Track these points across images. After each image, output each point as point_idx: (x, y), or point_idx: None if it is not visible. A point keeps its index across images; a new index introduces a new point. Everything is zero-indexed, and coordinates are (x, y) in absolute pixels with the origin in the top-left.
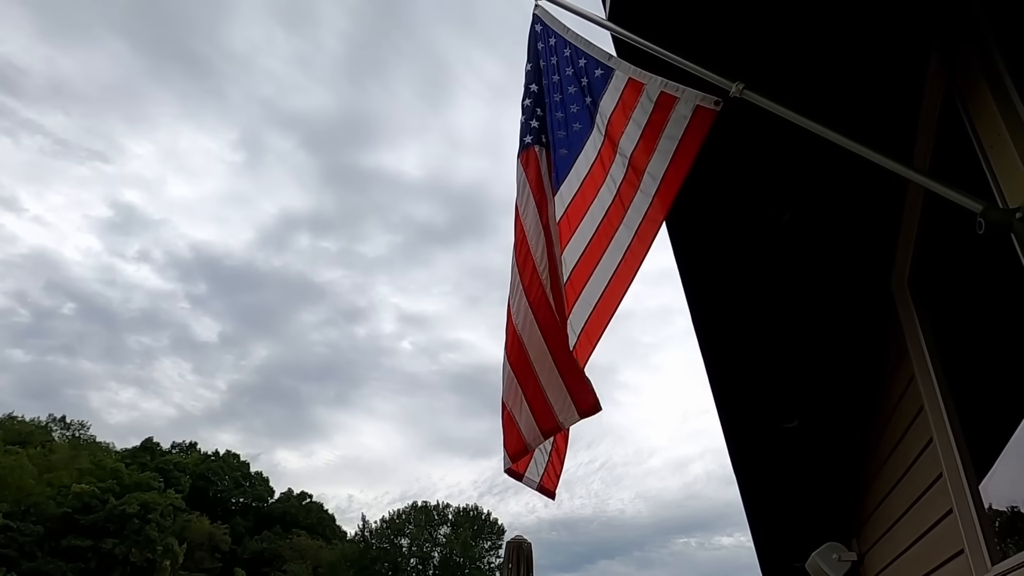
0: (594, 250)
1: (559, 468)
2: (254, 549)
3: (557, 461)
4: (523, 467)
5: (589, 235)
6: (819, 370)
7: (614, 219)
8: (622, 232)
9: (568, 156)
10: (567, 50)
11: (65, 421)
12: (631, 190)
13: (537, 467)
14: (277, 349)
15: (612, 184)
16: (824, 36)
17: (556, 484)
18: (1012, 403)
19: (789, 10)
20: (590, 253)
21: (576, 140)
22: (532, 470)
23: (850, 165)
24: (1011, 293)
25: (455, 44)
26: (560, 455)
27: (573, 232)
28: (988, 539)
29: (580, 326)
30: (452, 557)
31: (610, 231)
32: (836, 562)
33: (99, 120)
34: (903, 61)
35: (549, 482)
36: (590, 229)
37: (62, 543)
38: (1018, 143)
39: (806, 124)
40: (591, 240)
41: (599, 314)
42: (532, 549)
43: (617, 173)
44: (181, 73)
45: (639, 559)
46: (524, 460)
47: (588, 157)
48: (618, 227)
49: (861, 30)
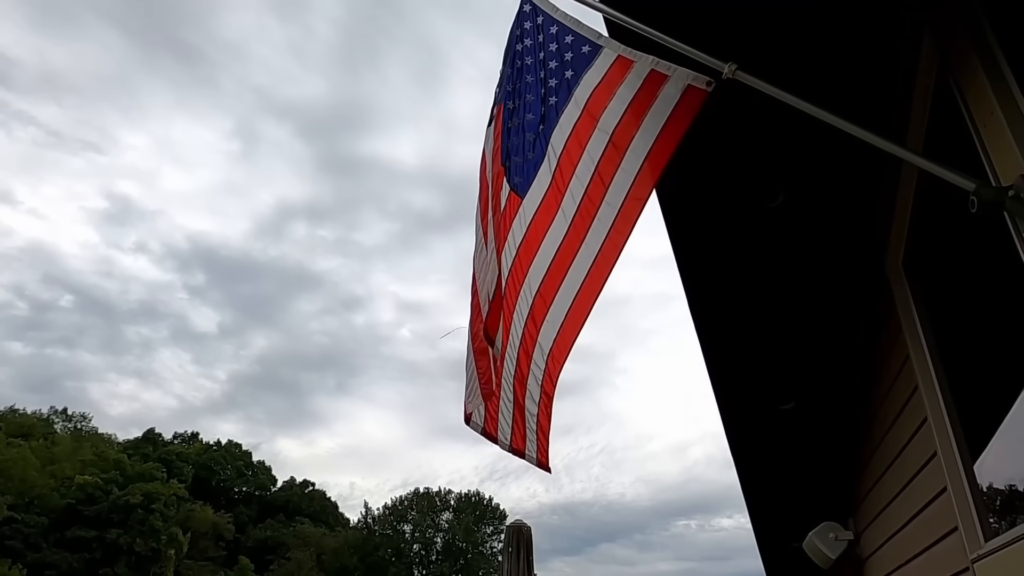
0: (577, 228)
1: (546, 444)
2: (258, 537)
3: (543, 438)
4: (522, 444)
5: (571, 214)
6: (815, 352)
7: (595, 197)
8: (604, 210)
9: (544, 134)
10: (554, 27)
11: (67, 413)
12: (611, 167)
13: (531, 444)
14: (276, 339)
15: (590, 161)
16: (817, 16)
17: (547, 458)
18: (1006, 382)
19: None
20: (573, 231)
21: (552, 115)
22: (530, 447)
23: (844, 146)
24: (1004, 272)
25: (448, 29)
26: (544, 433)
27: (555, 212)
28: (982, 517)
29: (567, 306)
30: (455, 542)
31: (592, 209)
32: (833, 541)
33: (92, 111)
34: (897, 41)
35: (543, 457)
36: (571, 208)
37: (67, 534)
38: (1011, 121)
39: (799, 105)
40: (573, 219)
41: (585, 293)
42: (532, 533)
43: (595, 149)
44: (173, 63)
45: (640, 542)
46: (520, 437)
47: (564, 133)
48: (600, 205)
49: (854, 9)
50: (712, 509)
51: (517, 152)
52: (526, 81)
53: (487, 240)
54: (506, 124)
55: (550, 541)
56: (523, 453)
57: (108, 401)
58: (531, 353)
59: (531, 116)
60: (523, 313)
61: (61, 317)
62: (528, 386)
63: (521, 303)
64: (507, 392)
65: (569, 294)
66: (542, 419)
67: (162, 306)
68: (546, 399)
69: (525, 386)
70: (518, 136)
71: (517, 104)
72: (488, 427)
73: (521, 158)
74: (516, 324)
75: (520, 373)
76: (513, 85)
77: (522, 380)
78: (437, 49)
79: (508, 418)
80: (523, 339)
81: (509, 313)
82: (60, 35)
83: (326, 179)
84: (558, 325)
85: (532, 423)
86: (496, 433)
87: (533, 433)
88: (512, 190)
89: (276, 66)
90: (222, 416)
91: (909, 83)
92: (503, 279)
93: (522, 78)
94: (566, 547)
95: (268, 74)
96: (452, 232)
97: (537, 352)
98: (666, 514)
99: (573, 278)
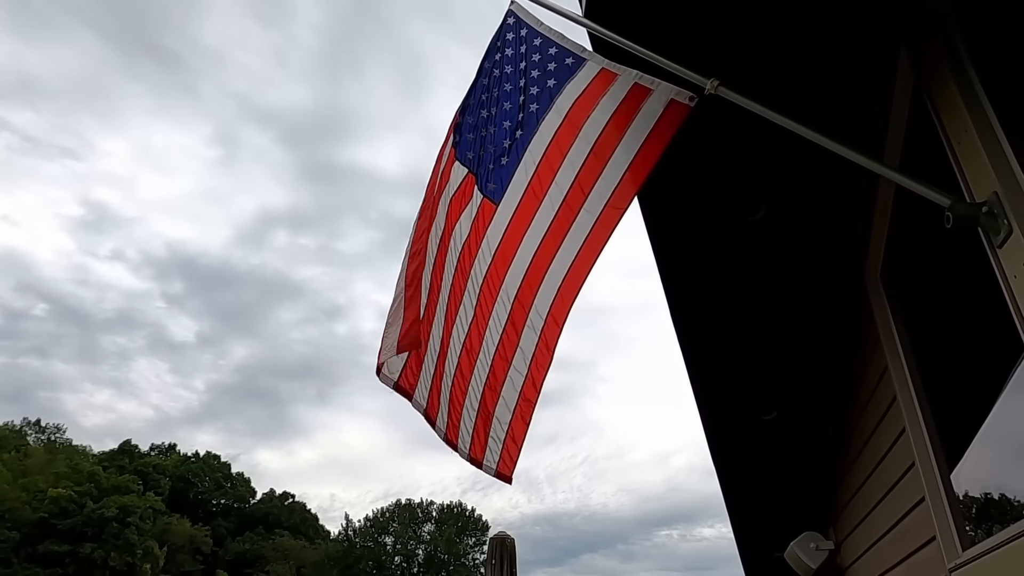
0: (555, 233)
1: (515, 454)
2: (236, 551)
3: (513, 447)
4: (480, 454)
5: (548, 221)
6: (797, 363)
7: (574, 204)
8: (583, 217)
9: (521, 141)
10: (537, 39)
11: (40, 425)
12: (592, 176)
13: (492, 454)
14: (256, 348)
15: (570, 169)
16: (797, 33)
17: (512, 469)
18: (982, 394)
19: (764, 8)
20: (551, 238)
21: (531, 122)
22: (488, 457)
23: (824, 161)
24: (980, 285)
25: (431, 38)
26: (516, 441)
27: (531, 219)
28: (959, 526)
29: (546, 311)
30: (437, 554)
31: (570, 216)
32: (814, 551)
33: (69, 116)
34: (875, 57)
35: (504, 467)
36: (549, 215)
37: (39, 548)
38: (984, 138)
39: (780, 121)
40: (551, 225)
41: (562, 298)
42: (515, 544)
43: (576, 158)
44: (152, 68)
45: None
46: (480, 447)
47: (543, 140)
48: (578, 212)
49: (833, 27)
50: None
51: (491, 159)
52: (504, 89)
53: (424, 248)
54: (478, 131)
55: (533, 552)
56: (480, 463)
57: (83, 412)
58: (510, 358)
59: (508, 123)
60: (500, 319)
61: (35, 326)
62: (503, 393)
63: (498, 309)
64: (472, 400)
65: (547, 299)
66: (516, 426)
67: (139, 315)
68: (525, 404)
69: (498, 393)
70: (492, 143)
71: (493, 112)
72: (449, 434)
73: (495, 165)
74: (492, 330)
75: (493, 380)
76: (490, 93)
77: (494, 387)
78: (420, 58)
79: (469, 427)
80: (500, 345)
81: (484, 319)
82: (36, 39)
83: (307, 187)
84: (539, 329)
85: (500, 431)
86: (456, 440)
87: (499, 442)
88: (486, 197)
89: (257, 72)
90: (200, 427)
91: (887, 99)
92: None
93: (500, 86)
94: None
95: (249, 80)
96: None
97: (518, 357)
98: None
99: (551, 283)
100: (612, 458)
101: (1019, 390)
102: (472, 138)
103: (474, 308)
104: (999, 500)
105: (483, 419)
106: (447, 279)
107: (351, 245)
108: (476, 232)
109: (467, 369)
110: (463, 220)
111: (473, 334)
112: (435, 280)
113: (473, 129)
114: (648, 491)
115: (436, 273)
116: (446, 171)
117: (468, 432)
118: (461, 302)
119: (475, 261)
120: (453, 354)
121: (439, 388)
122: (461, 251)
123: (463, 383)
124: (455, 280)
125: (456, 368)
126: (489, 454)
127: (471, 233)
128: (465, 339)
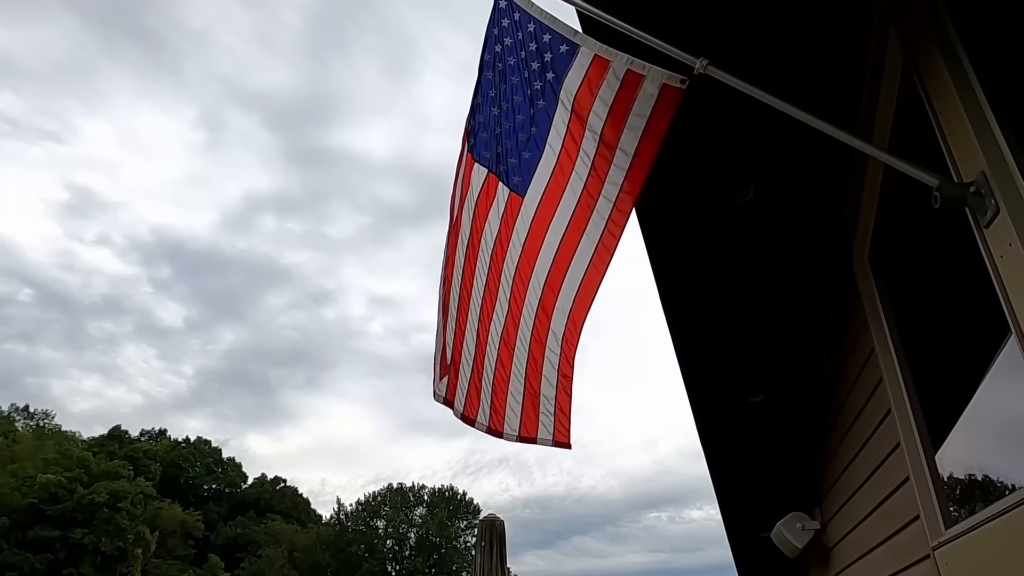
0: (578, 221)
1: (567, 423)
2: (228, 535)
3: (563, 417)
4: (534, 431)
5: (571, 209)
6: (785, 346)
7: (593, 191)
8: (602, 203)
9: (538, 134)
10: (531, 24)
11: (28, 411)
12: (605, 164)
13: (546, 428)
14: (244, 333)
15: (586, 157)
16: (787, 12)
17: (568, 436)
18: (967, 375)
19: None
20: (575, 225)
21: (542, 117)
22: (543, 431)
23: (813, 142)
24: (967, 266)
25: (420, 20)
26: (565, 412)
27: (556, 208)
28: (943, 505)
29: (573, 294)
30: (428, 537)
31: (591, 202)
32: (800, 531)
33: (51, 99)
34: (865, 37)
35: (560, 436)
36: (571, 203)
37: (29, 534)
38: (972, 118)
39: (769, 100)
40: (574, 212)
41: (589, 280)
42: (505, 527)
43: (589, 148)
44: (135, 50)
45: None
46: (532, 425)
47: (559, 132)
48: (597, 199)
49: (823, 6)
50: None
51: (512, 154)
52: (511, 83)
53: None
54: (492, 129)
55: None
56: (535, 439)
57: (71, 398)
58: (544, 341)
59: (521, 117)
60: (532, 306)
61: (20, 311)
62: (544, 373)
63: (530, 296)
64: (516, 385)
65: (574, 283)
66: (561, 399)
67: (126, 300)
68: (564, 380)
69: (540, 374)
70: (510, 138)
71: (505, 107)
72: (493, 424)
73: (517, 159)
74: (526, 317)
75: (533, 363)
76: (498, 89)
77: (535, 369)
78: (408, 40)
79: (517, 410)
80: (534, 330)
81: (518, 309)
82: (15, 19)
83: (295, 171)
84: (567, 311)
85: (549, 406)
86: (502, 428)
87: (550, 416)
88: (512, 190)
89: (242, 54)
90: (189, 412)
91: (876, 79)
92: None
93: (507, 80)
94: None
95: (234, 62)
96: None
97: (551, 339)
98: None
99: (577, 268)
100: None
101: (1004, 372)
102: (487, 137)
103: (508, 300)
104: (982, 480)
105: (530, 399)
106: (478, 282)
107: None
108: (506, 225)
109: (507, 360)
110: (491, 218)
111: (509, 325)
112: (465, 288)
113: (486, 128)
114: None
115: (466, 281)
116: (466, 178)
117: (516, 415)
118: (496, 298)
119: (507, 254)
120: (492, 349)
121: (478, 386)
122: (493, 247)
123: (504, 372)
124: (488, 279)
125: (496, 360)
126: (543, 428)
127: (501, 227)
128: (502, 331)
